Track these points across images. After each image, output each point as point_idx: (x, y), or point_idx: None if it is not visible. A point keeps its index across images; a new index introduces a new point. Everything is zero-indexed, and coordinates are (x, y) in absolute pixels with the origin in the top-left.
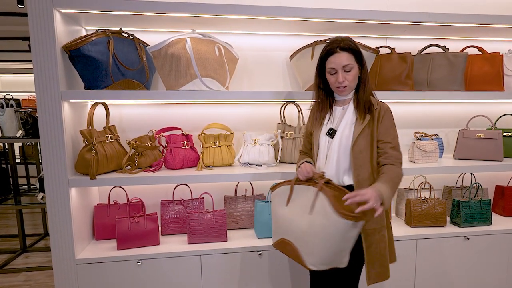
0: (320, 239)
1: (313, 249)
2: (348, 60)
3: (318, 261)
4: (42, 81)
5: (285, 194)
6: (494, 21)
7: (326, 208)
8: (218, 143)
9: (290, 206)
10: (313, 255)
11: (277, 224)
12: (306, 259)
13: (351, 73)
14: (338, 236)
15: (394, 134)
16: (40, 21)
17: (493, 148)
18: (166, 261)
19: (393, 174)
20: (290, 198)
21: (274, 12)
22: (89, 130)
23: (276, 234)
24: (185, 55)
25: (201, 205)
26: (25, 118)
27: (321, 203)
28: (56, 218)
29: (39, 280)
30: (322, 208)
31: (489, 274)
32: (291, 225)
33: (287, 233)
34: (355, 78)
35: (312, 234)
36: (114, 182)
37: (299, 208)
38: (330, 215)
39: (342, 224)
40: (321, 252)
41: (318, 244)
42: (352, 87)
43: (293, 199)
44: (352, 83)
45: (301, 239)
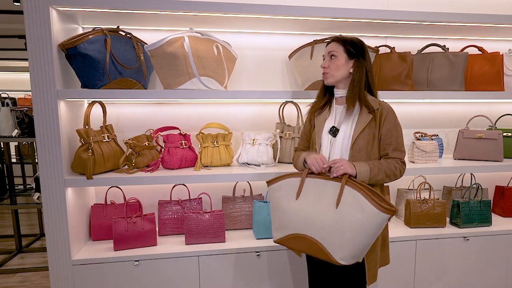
0: (353, 233)
1: (343, 243)
2: (333, 48)
3: (349, 255)
4: (38, 79)
5: (292, 187)
6: (494, 21)
7: (361, 203)
8: (216, 142)
9: (302, 200)
10: (343, 249)
11: (283, 219)
12: (334, 254)
13: (334, 62)
14: (373, 230)
15: (396, 134)
16: (36, 19)
17: (493, 149)
18: (163, 262)
19: (385, 164)
20: (300, 191)
21: (273, 11)
22: (86, 130)
23: (282, 229)
24: (183, 54)
25: (199, 205)
26: (21, 117)
27: (352, 197)
28: (52, 218)
29: (35, 281)
30: (354, 202)
31: (489, 275)
32: (309, 219)
33: (303, 228)
34: (340, 68)
35: (342, 228)
36: (111, 182)
37: (317, 201)
38: (366, 209)
39: (381, 218)
40: (353, 246)
41: (350, 238)
42: (334, 77)
43: (306, 193)
44: (335, 72)
45: (326, 234)
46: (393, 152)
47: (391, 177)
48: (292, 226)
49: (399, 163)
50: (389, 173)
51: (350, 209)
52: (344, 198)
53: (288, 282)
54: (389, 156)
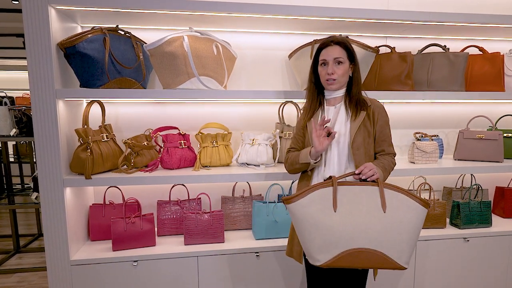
0: (408, 233)
1: (403, 247)
2: (340, 53)
3: (408, 256)
4: (37, 79)
5: (324, 199)
6: (495, 21)
7: (407, 202)
8: (216, 142)
9: (342, 211)
10: (405, 252)
11: (328, 236)
12: (400, 260)
13: (341, 67)
14: (421, 226)
15: (388, 131)
16: (35, 18)
17: (494, 149)
18: (162, 262)
19: (387, 162)
20: (336, 202)
21: (273, 10)
22: (85, 129)
23: (330, 247)
24: (182, 53)
25: (198, 205)
26: (19, 116)
27: (395, 199)
28: (50, 218)
29: (32, 281)
30: (400, 203)
31: (489, 276)
32: (361, 230)
33: (359, 241)
34: (345, 74)
35: (399, 231)
36: (109, 182)
37: (359, 210)
38: (413, 207)
39: (424, 213)
40: (411, 246)
41: (407, 239)
42: (341, 83)
43: (342, 203)
44: (341, 77)
45: (385, 241)
46: (388, 147)
47: (389, 173)
48: (344, 241)
49: (392, 157)
50: (390, 170)
51: (399, 211)
52: (388, 200)
53: (287, 282)
54: (386, 152)
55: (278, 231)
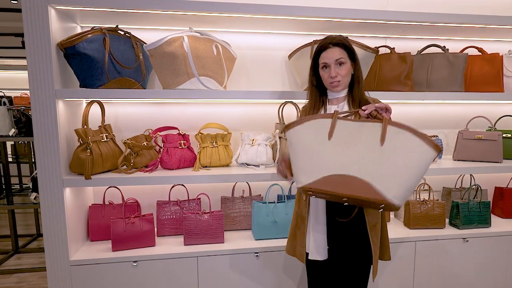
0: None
1: (396, 181)
2: (341, 54)
3: (402, 194)
4: (37, 79)
5: (321, 128)
6: (494, 22)
7: (412, 140)
8: (216, 143)
9: (336, 140)
10: (395, 187)
11: (316, 159)
12: (387, 192)
13: (344, 68)
14: (425, 168)
15: None
16: (34, 18)
17: (493, 150)
18: (162, 263)
19: None
20: (333, 132)
21: (273, 11)
22: (84, 129)
23: (314, 171)
24: (182, 54)
25: (198, 206)
26: (18, 116)
27: (398, 134)
28: (50, 219)
29: (31, 282)
30: (405, 140)
31: (488, 276)
32: (351, 158)
33: (346, 168)
34: (348, 73)
35: (395, 164)
36: (109, 182)
37: (356, 142)
38: (418, 145)
39: (432, 156)
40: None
41: (401, 175)
42: (345, 83)
43: (339, 133)
44: (345, 78)
45: (375, 172)
46: None
47: None
48: (330, 167)
49: None
50: None
51: (400, 147)
52: (390, 136)
53: (287, 283)
54: None
55: (278, 231)
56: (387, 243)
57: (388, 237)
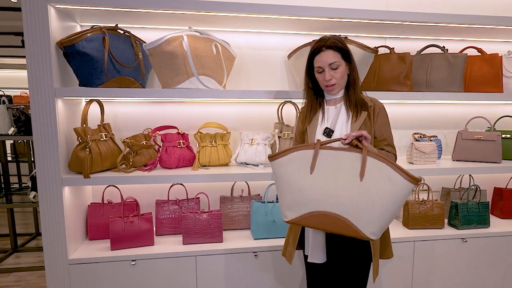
0: (382, 205)
1: (373, 218)
2: (334, 58)
3: (379, 229)
4: (36, 77)
5: (304, 160)
6: (494, 22)
7: (388, 173)
8: (215, 142)
9: (318, 174)
10: (373, 224)
11: (299, 195)
12: (364, 229)
13: (338, 71)
14: (402, 201)
15: (389, 131)
16: (34, 17)
17: (492, 150)
18: (160, 262)
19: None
20: (314, 165)
21: (272, 10)
22: (83, 128)
23: (297, 207)
24: (181, 53)
25: (197, 205)
26: (18, 115)
27: (377, 168)
28: (48, 218)
29: (30, 281)
30: (381, 174)
31: (487, 277)
32: (331, 195)
33: (326, 205)
34: (343, 75)
35: (372, 201)
36: (108, 181)
37: (336, 175)
38: (395, 180)
39: (408, 189)
40: (383, 219)
41: (380, 211)
42: (341, 85)
43: (321, 166)
44: (340, 80)
45: (353, 209)
46: (387, 147)
47: None
48: (312, 204)
49: (395, 156)
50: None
51: (378, 181)
52: (369, 169)
53: (285, 282)
54: (384, 150)
55: (277, 231)
56: (388, 241)
57: (390, 236)
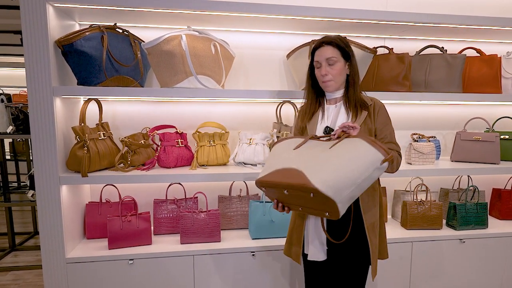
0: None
1: (324, 168)
2: (332, 53)
3: (327, 180)
4: (34, 76)
5: (294, 142)
6: (493, 23)
7: (357, 142)
8: (213, 142)
9: (299, 150)
10: (322, 172)
11: (274, 161)
12: (311, 177)
13: (335, 67)
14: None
15: (390, 129)
16: (32, 15)
17: (490, 151)
18: (158, 261)
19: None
20: (300, 146)
21: (271, 10)
22: (81, 127)
23: (270, 168)
24: (180, 52)
25: (195, 204)
26: (16, 113)
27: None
28: (46, 216)
29: (28, 280)
30: (351, 143)
31: (485, 278)
32: (299, 157)
33: (290, 163)
34: (341, 73)
35: (329, 156)
36: (106, 180)
37: (313, 148)
38: (361, 145)
39: (372, 155)
40: (334, 172)
41: (334, 164)
42: (337, 82)
43: (304, 147)
44: (337, 78)
45: (311, 163)
46: (389, 144)
47: (394, 166)
48: (281, 163)
49: (399, 154)
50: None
51: (345, 145)
52: (343, 142)
53: (283, 282)
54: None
55: (275, 230)
56: (385, 242)
57: (386, 236)
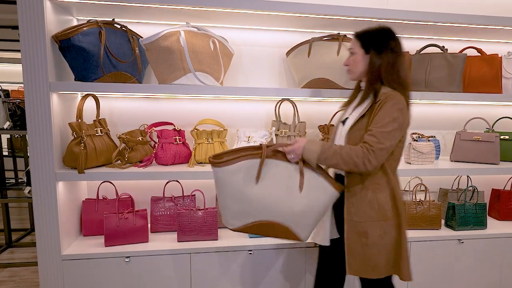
0: (317, 213)
1: (309, 224)
2: (352, 44)
3: (310, 231)
4: (31, 71)
5: (251, 169)
6: (494, 23)
7: (324, 185)
8: (211, 139)
9: (263, 185)
10: (307, 228)
11: (245, 206)
12: (301, 235)
13: (352, 58)
14: (329, 206)
15: (382, 122)
16: (29, 10)
17: (490, 151)
18: (154, 259)
19: (347, 149)
20: (259, 175)
21: (271, 7)
22: (78, 123)
23: (242, 216)
24: (178, 49)
25: (192, 202)
26: (13, 109)
27: (315, 180)
28: (42, 213)
29: (24, 276)
30: (318, 185)
31: (483, 278)
32: (276, 204)
33: (270, 214)
34: (357, 63)
35: (311, 211)
36: (103, 176)
37: (279, 186)
38: (328, 191)
39: (335, 196)
40: (315, 223)
41: (313, 218)
42: (355, 72)
43: (265, 176)
44: (353, 67)
45: (295, 218)
46: (367, 136)
47: (350, 165)
48: (257, 213)
49: (365, 150)
50: (348, 160)
51: (315, 192)
52: (307, 181)
53: (280, 280)
54: (363, 140)
55: None
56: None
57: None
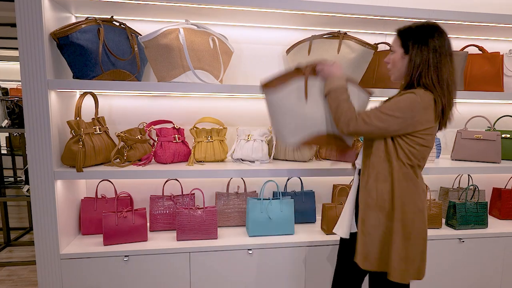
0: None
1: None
2: (393, 42)
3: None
4: (28, 69)
5: (299, 89)
6: (496, 20)
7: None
8: (211, 137)
9: (310, 101)
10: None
11: (301, 121)
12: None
13: (391, 56)
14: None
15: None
16: (27, 7)
17: (491, 150)
18: (153, 258)
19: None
20: (307, 94)
21: (271, 4)
22: (77, 121)
23: (301, 130)
24: (178, 46)
25: (192, 201)
26: (12, 107)
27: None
28: (40, 211)
29: (22, 275)
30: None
31: (484, 278)
32: (323, 120)
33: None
34: (396, 64)
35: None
36: (102, 175)
37: (317, 101)
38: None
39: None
40: None
41: None
42: (395, 73)
43: (310, 94)
44: (393, 67)
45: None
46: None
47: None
48: (311, 127)
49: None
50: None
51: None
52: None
53: (280, 280)
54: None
55: (272, 228)
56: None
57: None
